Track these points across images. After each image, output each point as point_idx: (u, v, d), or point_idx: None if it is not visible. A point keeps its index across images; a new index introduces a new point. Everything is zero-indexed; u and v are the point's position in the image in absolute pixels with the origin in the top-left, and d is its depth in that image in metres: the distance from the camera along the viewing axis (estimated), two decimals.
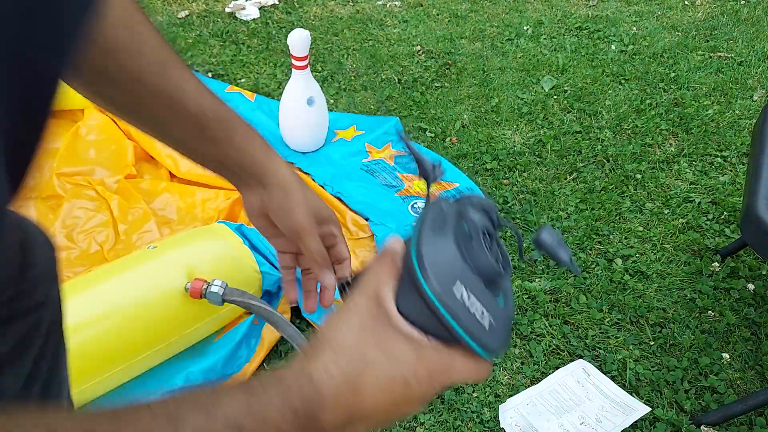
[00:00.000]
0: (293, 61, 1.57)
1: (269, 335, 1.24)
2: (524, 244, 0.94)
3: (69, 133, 1.55)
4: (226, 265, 1.19)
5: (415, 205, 1.55)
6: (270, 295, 1.31)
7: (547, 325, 1.35)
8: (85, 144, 1.54)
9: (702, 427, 1.16)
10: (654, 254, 1.50)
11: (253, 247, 1.29)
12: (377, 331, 0.43)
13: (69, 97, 1.43)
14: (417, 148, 0.49)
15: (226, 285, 1.08)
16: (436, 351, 0.43)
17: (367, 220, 1.48)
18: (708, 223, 1.58)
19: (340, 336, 0.43)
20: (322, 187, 1.55)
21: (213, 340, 1.23)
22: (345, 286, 0.64)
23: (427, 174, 0.49)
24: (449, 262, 0.41)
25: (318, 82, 2.05)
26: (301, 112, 1.62)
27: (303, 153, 1.69)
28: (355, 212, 1.49)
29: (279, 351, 1.25)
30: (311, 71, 2.09)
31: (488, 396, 1.23)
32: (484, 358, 0.44)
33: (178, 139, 0.64)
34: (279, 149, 1.62)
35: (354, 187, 1.55)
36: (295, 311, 1.31)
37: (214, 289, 1.07)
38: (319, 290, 0.68)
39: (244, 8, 2.38)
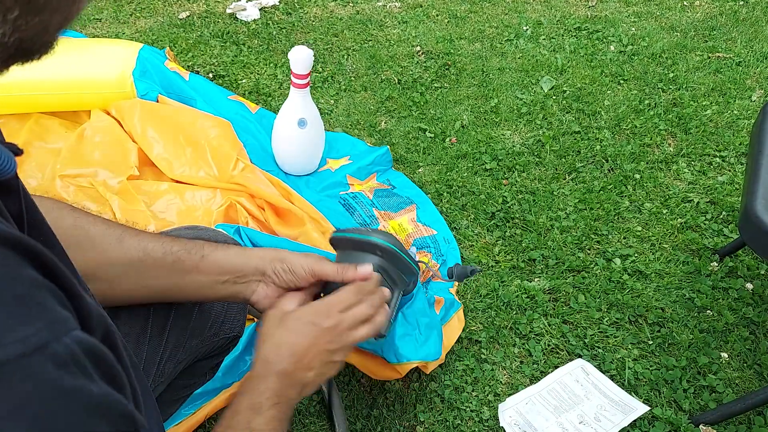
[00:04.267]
0: (293, 78, 1.48)
1: None
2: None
3: (75, 134, 1.56)
4: None
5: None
6: None
7: (546, 324, 1.36)
8: (91, 146, 1.54)
9: (700, 426, 1.17)
10: (653, 254, 1.51)
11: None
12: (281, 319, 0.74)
13: (75, 98, 1.44)
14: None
15: None
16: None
17: None
18: (706, 222, 1.59)
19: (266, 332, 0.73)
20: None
21: None
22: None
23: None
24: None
25: (318, 82, 2.06)
26: (291, 132, 1.53)
27: (293, 175, 1.60)
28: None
29: None
30: (312, 72, 2.10)
31: (487, 395, 1.23)
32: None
33: (173, 288, 0.76)
34: (271, 166, 1.61)
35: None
36: None
37: None
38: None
39: (244, 9, 2.39)
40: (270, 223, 1.44)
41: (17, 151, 0.42)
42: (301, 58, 1.44)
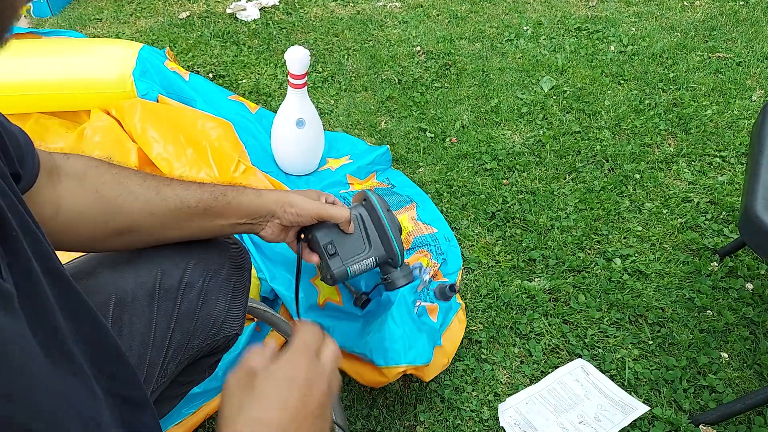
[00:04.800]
0: (290, 79, 1.48)
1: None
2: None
3: (74, 134, 1.56)
4: None
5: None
6: (269, 302, 1.29)
7: (546, 324, 1.36)
8: (90, 145, 1.53)
9: (700, 426, 1.17)
10: (653, 254, 1.51)
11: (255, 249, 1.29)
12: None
13: (75, 98, 1.44)
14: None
15: None
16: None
17: None
18: (706, 222, 1.59)
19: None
20: None
21: None
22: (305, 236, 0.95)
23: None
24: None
25: (319, 82, 2.06)
26: (290, 133, 1.54)
27: (293, 175, 1.61)
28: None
29: None
30: (311, 71, 2.10)
31: (487, 395, 1.23)
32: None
33: (200, 230, 0.82)
34: (271, 167, 1.61)
35: None
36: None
37: None
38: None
39: (245, 9, 2.39)
40: None
41: None
42: (297, 59, 1.44)
